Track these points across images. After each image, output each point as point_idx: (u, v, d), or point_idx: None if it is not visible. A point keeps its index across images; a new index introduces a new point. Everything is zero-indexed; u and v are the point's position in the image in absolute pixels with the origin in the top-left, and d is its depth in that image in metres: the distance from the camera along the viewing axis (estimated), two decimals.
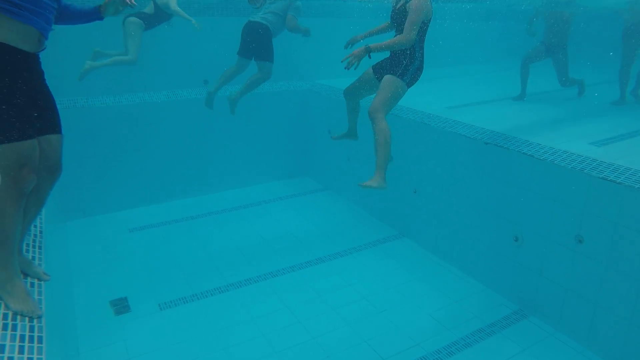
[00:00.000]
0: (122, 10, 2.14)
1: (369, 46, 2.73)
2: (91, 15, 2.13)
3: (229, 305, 3.33)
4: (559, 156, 3.06)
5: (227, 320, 3.16)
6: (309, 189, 5.56)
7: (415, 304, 3.39)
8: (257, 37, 4.07)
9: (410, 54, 2.91)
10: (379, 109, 2.89)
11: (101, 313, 3.18)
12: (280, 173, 5.74)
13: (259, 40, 4.09)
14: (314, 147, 5.65)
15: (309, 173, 5.86)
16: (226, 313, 3.23)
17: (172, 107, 4.80)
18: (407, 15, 2.77)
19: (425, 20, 2.82)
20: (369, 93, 3.25)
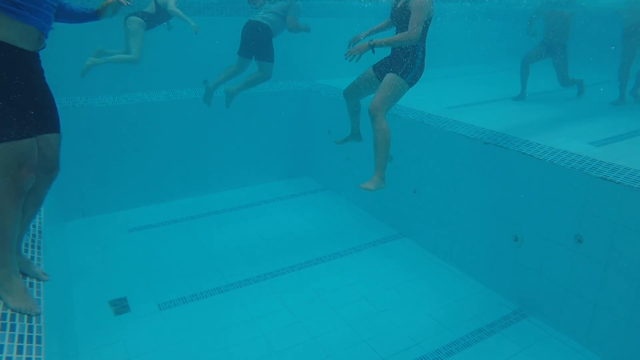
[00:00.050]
0: (118, 10, 2.16)
1: (372, 41, 2.71)
2: (88, 16, 2.16)
3: (229, 305, 3.33)
4: (558, 156, 3.07)
5: (227, 320, 3.15)
6: (308, 189, 5.55)
7: (415, 304, 3.39)
8: (258, 37, 4.07)
9: (412, 53, 2.90)
10: (379, 107, 2.87)
11: (100, 313, 3.18)
12: (280, 173, 5.74)
13: (259, 40, 4.08)
14: (314, 147, 5.64)
15: (309, 173, 5.86)
16: (226, 313, 3.23)
17: (172, 107, 4.80)
18: (409, 14, 2.75)
19: (426, 19, 2.82)
20: (369, 92, 3.24)
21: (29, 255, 2.16)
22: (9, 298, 1.74)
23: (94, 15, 2.16)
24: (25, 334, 1.61)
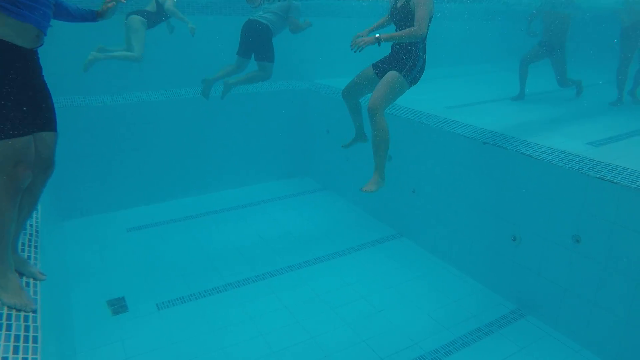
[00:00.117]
0: (116, 10, 2.19)
1: (379, 36, 2.68)
2: (86, 17, 2.17)
3: (227, 305, 3.32)
4: (556, 156, 3.07)
5: (225, 320, 3.15)
6: (307, 188, 5.55)
7: (413, 304, 3.39)
8: (257, 37, 4.06)
9: (414, 52, 2.87)
10: (379, 105, 2.84)
11: (98, 313, 3.18)
12: (279, 173, 5.73)
13: (258, 40, 4.07)
14: (313, 147, 5.64)
15: (308, 173, 5.86)
16: (224, 313, 3.23)
17: (170, 107, 4.79)
18: (411, 12, 2.73)
19: (430, 16, 2.80)
20: (368, 91, 3.22)
21: (25, 254, 2.15)
22: (4, 295, 1.74)
23: (92, 16, 2.18)
24: (22, 333, 1.61)
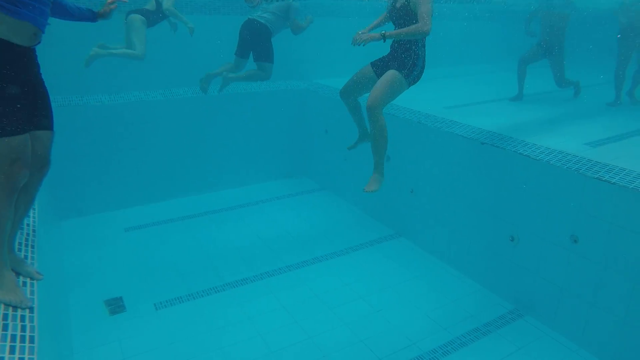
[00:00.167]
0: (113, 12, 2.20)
1: (384, 33, 2.66)
2: (86, 17, 2.16)
3: (225, 305, 3.32)
4: (554, 156, 3.07)
5: (223, 320, 3.15)
6: (306, 188, 5.55)
7: (411, 304, 3.39)
8: (256, 37, 4.05)
9: (415, 51, 2.86)
10: (378, 103, 2.83)
11: (96, 313, 3.17)
12: (277, 173, 5.73)
13: (257, 40, 4.06)
14: (312, 147, 5.64)
15: (307, 173, 5.85)
16: (222, 313, 3.22)
17: (169, 106, 4.78)
18: (411, 11, 2.71)
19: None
20: (367, 90, 3.21)
21: (22, 254, 2.14)
22: (0, 292, 1.74)
23: (92, 16, 2.17)
24: (18, 333, 1.60)
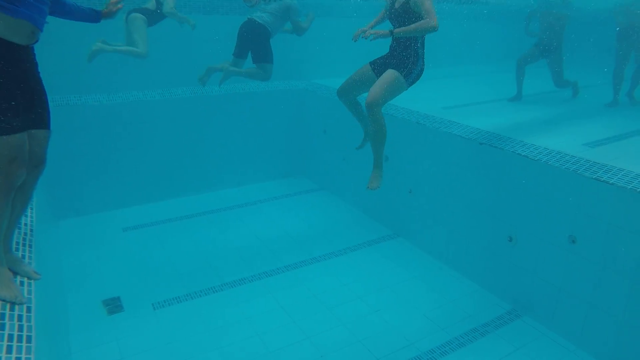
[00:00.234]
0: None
1: (392, 30, 2.65)
2: (89, 17, 2.15)
3: (224, 304, 3.32)
4: (553, 157, 3.08)
5: (222, 320, 3.14)
6: (304, 188, 5.55)
7: (409, 304, 3.39)
8: (255, 38, 4.04)
9: (414, 51, 2.87)
10: (378, 102, 2.83)
11: (94, 312, 3.16)
12: (276, 173, 5.73)
13: (256, 41, 4.05)
14: (310, 147, 5.64)
15: (305, 173, 5.85)
16: (220, 313, 3.22)
17: (167, 106, 4.78)
18: (411, 11, 2.71)
19: None
20: (365, 90, 3.21)
21: (20, 253, 2.14)
22: None
23: (96, 16, 2.16)
24: (15, 333, 1.60)
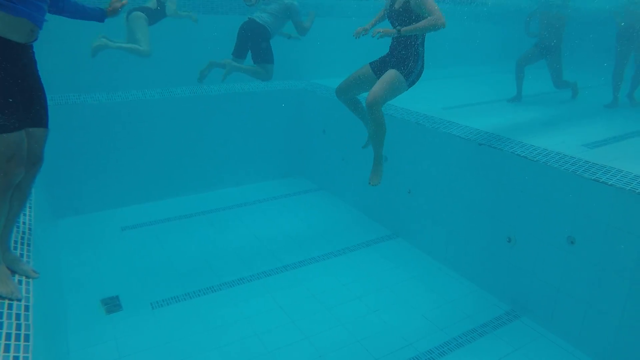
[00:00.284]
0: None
1: (399, 29, 2.63)
2: (94, 16, 2.14)
3: (222, 304, 3.32)
4: (552, 157, 3.08)
5: (220, 320, 3.14)
6: (303, 188, 5.55)
7: (408, 304, 3.40)
8: (255, 38, 4.03)
9: (415, 52, 2.87)
10: (379, 101, 2.83)
11: (92, 312, 3.16)
12: (275, 172, 5.73)
13: (256, 42, 4.05)
14: (309, 147, 5.64)
15: (304, 173, 5.85)
16: (219, 312, 3.22)
17: (166, 105, 4.77)
18: (412, 12, 2.70)
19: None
20: (364, 90, 3.21)
21: (18, 252, 2.13)
22: None
23: (100, 15, 2.15)
24: (13, 332, 1.59)
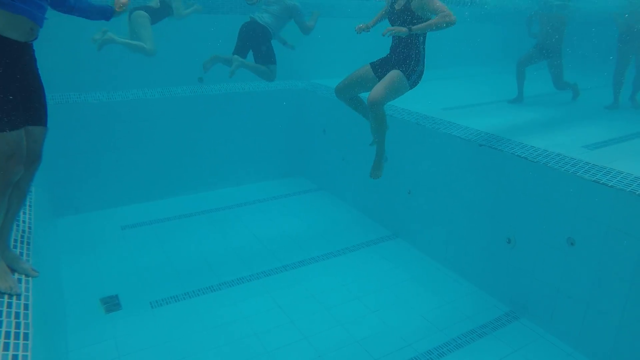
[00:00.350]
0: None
1: (410, 27, 2.65)
2: (101, 14, 2.13)
3: (221, 304, 3.31)
4: (552, 159, 3.08)
5: (219, 319, 3.14)
6: (303, 188, 5.55)
7: (407, 305, 3.39)
8: (256, 39, 4.03)
9: (416, 53, 2.87)
10: (381, 101, 2.85)
11: (91, 311, 3.16)
12: (275, 172, 5.72)
13: (257, 42, 4.04)
14: (309, 147, 5.64)
15: (304, 173, 5.85)
16: (218, 312, 3.22)
17: (166, 105, 4.77)
18: (413, 13, 2.70)
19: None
20: (364, 90, 3.21)
21: (18, 251, 2.14)
22: None
23: (107, 13, 2.14)
24: (12, 330, 1.59)
